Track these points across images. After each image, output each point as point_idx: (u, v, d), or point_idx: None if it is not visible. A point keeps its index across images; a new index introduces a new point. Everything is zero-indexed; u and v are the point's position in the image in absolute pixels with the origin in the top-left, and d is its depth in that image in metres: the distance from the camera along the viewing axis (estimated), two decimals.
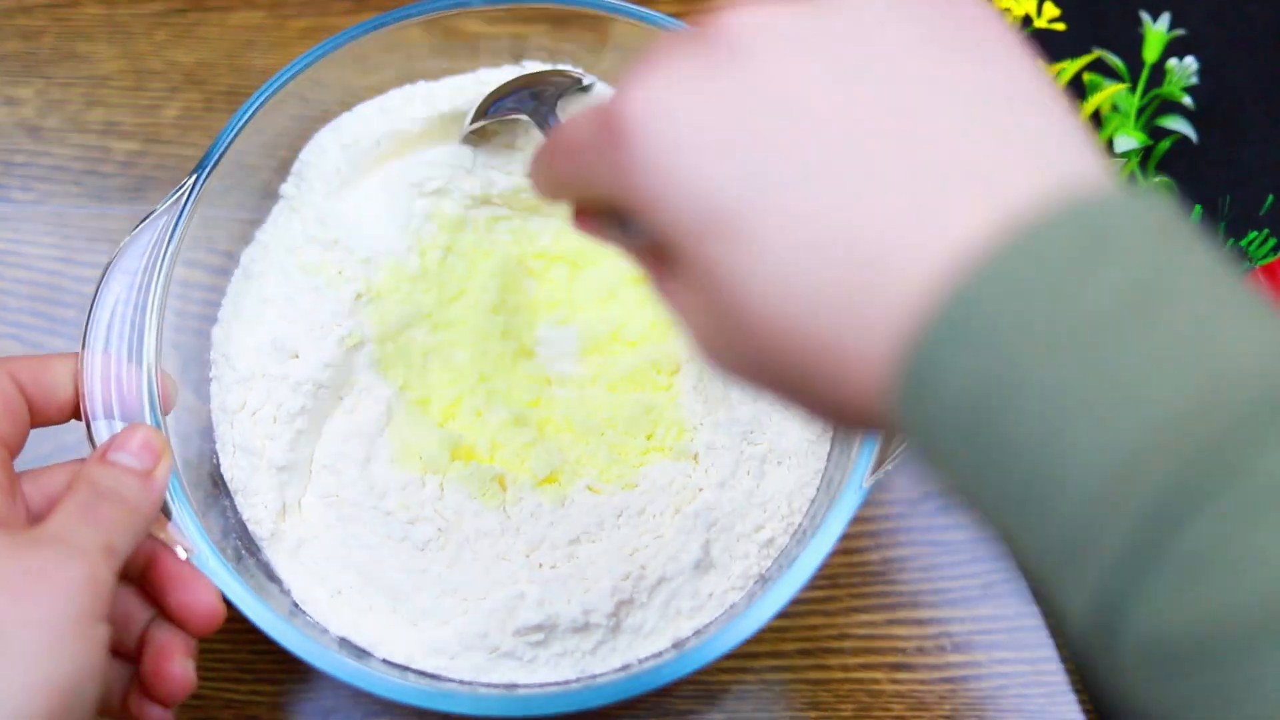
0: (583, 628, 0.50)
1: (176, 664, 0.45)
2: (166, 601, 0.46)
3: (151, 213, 0.50)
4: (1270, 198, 0.57)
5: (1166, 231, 0.26)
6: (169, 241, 0.50)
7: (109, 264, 0.49)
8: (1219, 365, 0.25)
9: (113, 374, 0.48)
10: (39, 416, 0.46)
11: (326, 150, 0.57)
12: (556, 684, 0.50)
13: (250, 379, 0.53)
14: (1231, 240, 0.53)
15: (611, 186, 0.32)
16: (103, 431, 0.47)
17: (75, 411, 0.47)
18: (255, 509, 0.52)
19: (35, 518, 0.44)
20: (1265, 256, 0.53)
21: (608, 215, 0.35)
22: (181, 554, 0.46)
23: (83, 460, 0.46)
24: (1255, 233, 0.53)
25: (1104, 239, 0.26)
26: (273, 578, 0.52)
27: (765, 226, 0.28)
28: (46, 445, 0.58)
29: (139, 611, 0.46)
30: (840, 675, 0.55)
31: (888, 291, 0.27)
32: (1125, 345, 0.25)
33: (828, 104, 0.28)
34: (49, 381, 0.46)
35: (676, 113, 0.29)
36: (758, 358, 0.30)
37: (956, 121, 0.28)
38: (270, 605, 0.47)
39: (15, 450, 0.45)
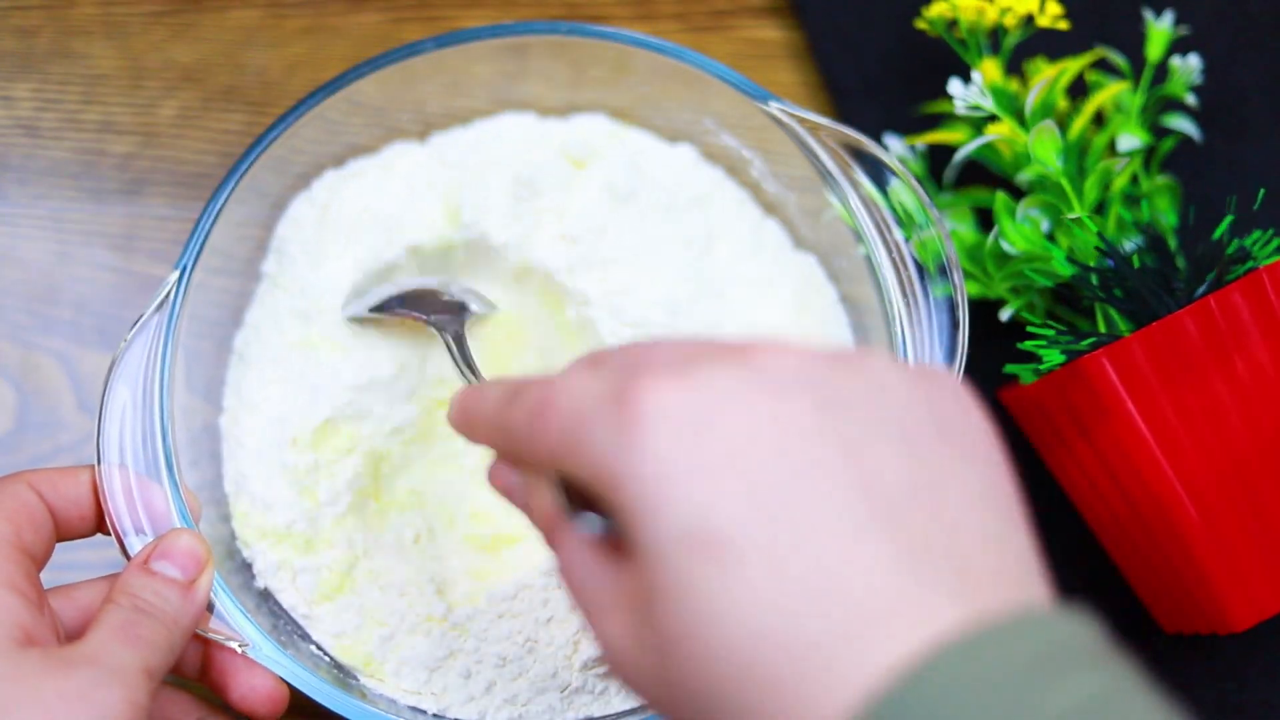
0: None
1: None
2: (229, 697, 0.46)
3: (141, 316, 0.49)
4: (1262, 191, 0.56)
5: (1111, 658, 0.29)
6: (164, 342, 0.49)
7: (109, 373, 0.48)
8: None
9: (135, 487, 0.47)
10: (63, 529, 0.46)
11: (303, 223, 0.56)
12: (631, 712, 0.50)
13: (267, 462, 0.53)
14: (1235, 241, 0.52)
15: (597, 465, 0.32)
16: (136, 546, 0.46)
17: (101, 524, 0.46)
18: (290, 594, 0.52)
19: (69, 634, 0.44)
20: (1269, 256, 0.53)
21: (539, 480, 0.35)
22: (238, 649, 0.46)
23: (115, 575, 0.45)
24: (1259, 232, 0.53)
25: (1061, 655, 0.28)
26: (327, 657, 0.52)
27: (761, 559, 0.29)
28: (45, 446, 0.58)
29: (185, 715, 0.47)
30: None
31: (857, 656, 0.28)
32: None
33: (847, 466, 0.30)
34: (71, 493, 0.46)
35: (703, 421, 0.30)
36: (683, 682, 0.30)
37: (955, 515, 0.30)
38: (331, 682, 0.47)
39: (41, 562, 0.44)
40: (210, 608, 0.46)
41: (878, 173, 0.52)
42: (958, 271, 0.51)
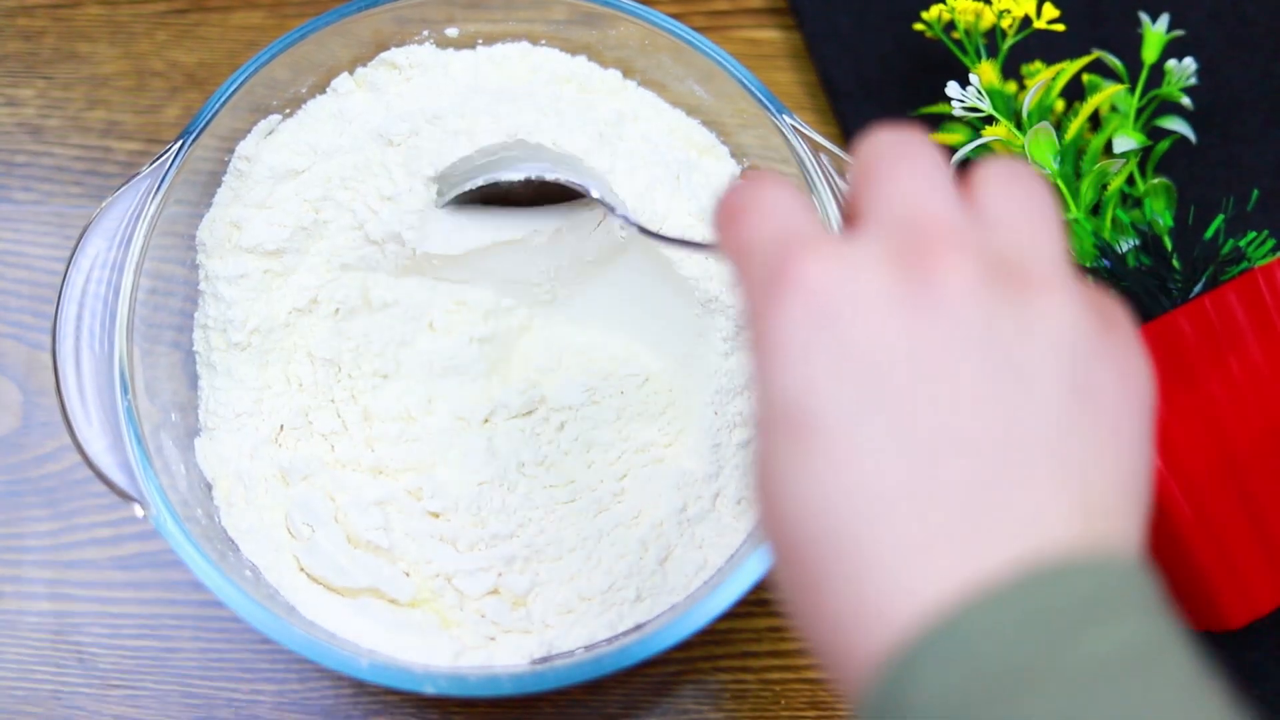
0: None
1: None
2: None
3: (133, 176, 0.51)
4: (1255, 193, 0.56)
5: (1158, 608, 0.29)
6: (153, 199, 0.52)
7: (85, 228, 0.50)
8: None
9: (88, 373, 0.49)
10: None
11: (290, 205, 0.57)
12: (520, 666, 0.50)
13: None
14: (1230, 241, 0.53)
15: (747, 291, 0.33)
16: (87, 435, 0.48)
17: None
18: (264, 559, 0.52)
19: None
20: (1264, 256, 0.53)
21: None
22: (138, 514, 0.47)
23: None
24: (1254, 233, 0.54)
25: (1100, 607, 0.28)
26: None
27: (837, 455, 0.30)
28: (49, 445, 0.59)
29: None
30: None
31: (892, 594, 0.29)
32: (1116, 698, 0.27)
33: (958, 401, 0.30)
34: None
35: (844, 316, 0.31)
36: (773, 543, 0.32)
37: (1043, 465, 0.30)
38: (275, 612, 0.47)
39: None
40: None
41: None
42: None
